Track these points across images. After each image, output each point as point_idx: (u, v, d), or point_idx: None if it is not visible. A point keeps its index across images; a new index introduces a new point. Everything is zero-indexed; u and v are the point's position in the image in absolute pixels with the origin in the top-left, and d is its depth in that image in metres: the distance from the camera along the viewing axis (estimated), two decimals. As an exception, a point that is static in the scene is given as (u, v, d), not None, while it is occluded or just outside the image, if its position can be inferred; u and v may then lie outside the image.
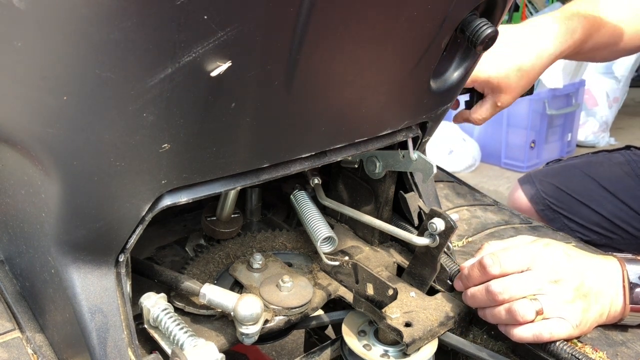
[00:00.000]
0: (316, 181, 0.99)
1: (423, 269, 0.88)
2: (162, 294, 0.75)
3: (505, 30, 1.17)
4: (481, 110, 1.18)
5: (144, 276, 0.81)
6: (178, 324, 0.71)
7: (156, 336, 0.73)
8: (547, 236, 1.17)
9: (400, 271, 0.94)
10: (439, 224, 0.83)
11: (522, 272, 0.78)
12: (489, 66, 1.12)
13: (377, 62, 0.66)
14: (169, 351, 0.70)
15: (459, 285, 0.85)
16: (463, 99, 1.21)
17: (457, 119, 1.27)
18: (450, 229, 0.82)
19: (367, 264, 0.92)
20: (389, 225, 0.90)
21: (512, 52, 1.14)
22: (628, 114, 4.54)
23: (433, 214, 0.83)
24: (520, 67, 1.14)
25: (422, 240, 0.84)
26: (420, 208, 0.95)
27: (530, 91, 1.23)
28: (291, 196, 0.99)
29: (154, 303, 0.73)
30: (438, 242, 0.84)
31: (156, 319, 0.72)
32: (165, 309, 0.73)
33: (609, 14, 1.22)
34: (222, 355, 0.67)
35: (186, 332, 0.70)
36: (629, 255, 0.83)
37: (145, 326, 0.74)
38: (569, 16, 1.19)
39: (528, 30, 1.18)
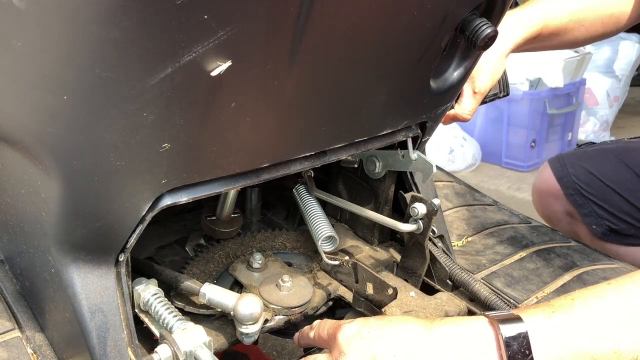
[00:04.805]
0: (309, 173, 0.99)
1: (414, 260, 0.89)
2: (153, 279, 0.75)
3: None
4: (463, 104, 1.17)
5: (144, 275, 0.81)
6: (167, 308, 0.72)
7: (146, 320, 0.73)
8: (546, 236, 1.17)
9: (400, 271, 0.95)
10: (420, 208, 0.84)
11: None
12: None
13: (377, 62, 0.66)
14: (158, 334, 0.70)
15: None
16: None
17: (445, 120, 1.26)
18: (431, 212, 0.83)
19: (367, 263, 0.92)
20: (375, 214, 0.91)
21: None
22: (629, 113, 4.53)
23: (414, 199, 0.85)
24: None
25: (407, 227, 0.86)
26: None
27: (506, 93, 1.23)
28: (294, 190, 0.99)
29: (145, 287, 0.74)
30: (422, 228, 0.85)
31: (146, 303, 0.73)
32: (156, 294, 0.73)
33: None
34: (209, 338, 0.68)
35: (175, 316, 0.71)
36: (504, 312, 0.64)
37: (136, 310, 0.74)
38: (528, 2, 1.25)
39: None
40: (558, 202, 1.48)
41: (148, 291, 0.73)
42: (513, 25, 1.19)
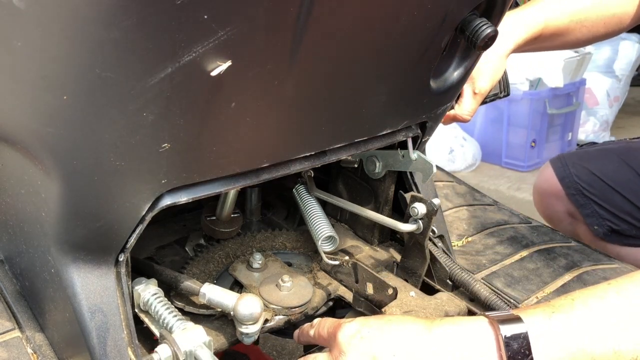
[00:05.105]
0: (309, 173, 0.99)
1: (414, 260, 0.89)
2: (153, 279, 0.75)
3: None
4: (463, 104, 1.17)
5: (144, 275, 0.81)
6: (167, 308, 0.72)
7: (146, 320, 0.73)
8: (546, 236, 1.17)
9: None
10: (420, 208, 0.84)
11: None
12: None
13: (377, 62, 0.66)
14: (158, 334, 0.70)
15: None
16: None
17: (445, 120, 1.26)
18: (431, 211, 0.83)
19: (367, 263, 0.92)
20: (375, 214, 0.91)
21: None
22: (629, 113, 4.53)
23: (414, 199, 0.85)
24: None
25: (407, 227, 0.86)
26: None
27: (507, 93, 1.23)
28: (294, 190, 0.99)
29: (145, 287, 0.74)
30: (422, 228, 0.85)
31: (146, 303, 0.73)
32: (155, 294, 0.73)
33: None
34: (209, 338, 0.68)
35: (175, 315, 0.71)
36: (504, 313, 0.64)
37: (136, 310, 0.74)
38: (529, 3, 1.24)
39: None
40: (559, 202, 1.48)
41: (148, 291, 0.73)
42: (513, 26, 1.18)
